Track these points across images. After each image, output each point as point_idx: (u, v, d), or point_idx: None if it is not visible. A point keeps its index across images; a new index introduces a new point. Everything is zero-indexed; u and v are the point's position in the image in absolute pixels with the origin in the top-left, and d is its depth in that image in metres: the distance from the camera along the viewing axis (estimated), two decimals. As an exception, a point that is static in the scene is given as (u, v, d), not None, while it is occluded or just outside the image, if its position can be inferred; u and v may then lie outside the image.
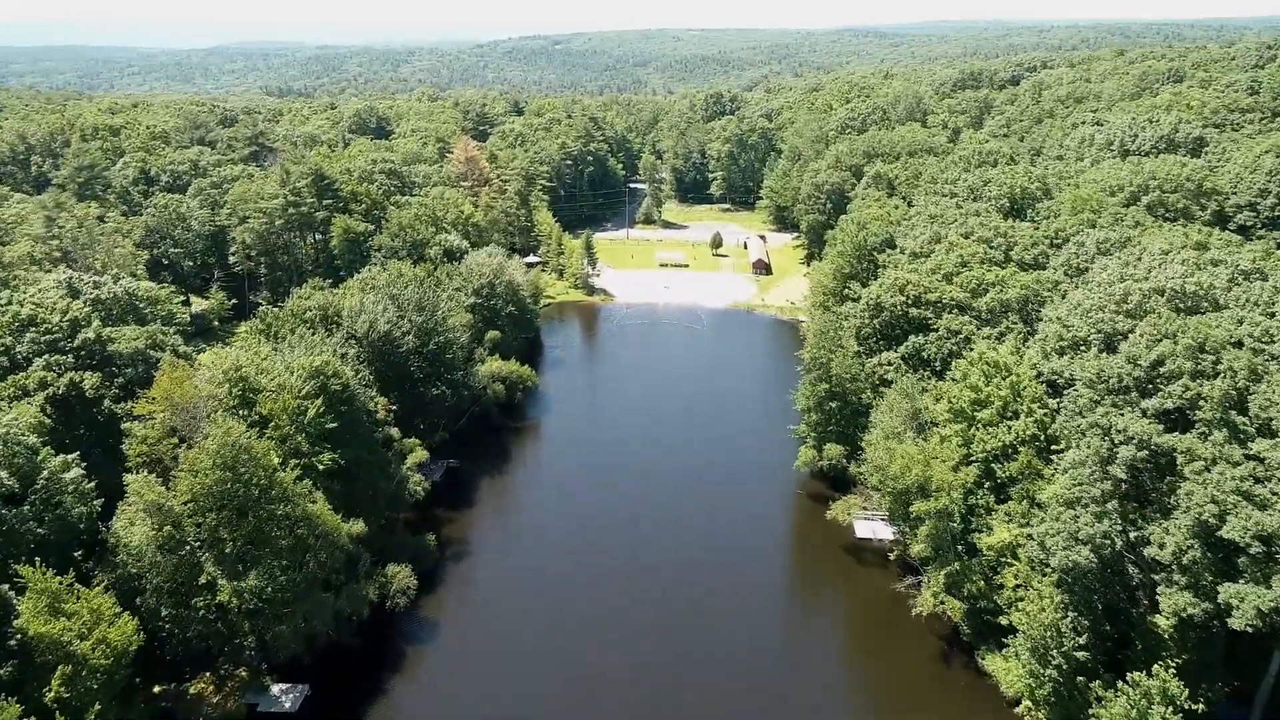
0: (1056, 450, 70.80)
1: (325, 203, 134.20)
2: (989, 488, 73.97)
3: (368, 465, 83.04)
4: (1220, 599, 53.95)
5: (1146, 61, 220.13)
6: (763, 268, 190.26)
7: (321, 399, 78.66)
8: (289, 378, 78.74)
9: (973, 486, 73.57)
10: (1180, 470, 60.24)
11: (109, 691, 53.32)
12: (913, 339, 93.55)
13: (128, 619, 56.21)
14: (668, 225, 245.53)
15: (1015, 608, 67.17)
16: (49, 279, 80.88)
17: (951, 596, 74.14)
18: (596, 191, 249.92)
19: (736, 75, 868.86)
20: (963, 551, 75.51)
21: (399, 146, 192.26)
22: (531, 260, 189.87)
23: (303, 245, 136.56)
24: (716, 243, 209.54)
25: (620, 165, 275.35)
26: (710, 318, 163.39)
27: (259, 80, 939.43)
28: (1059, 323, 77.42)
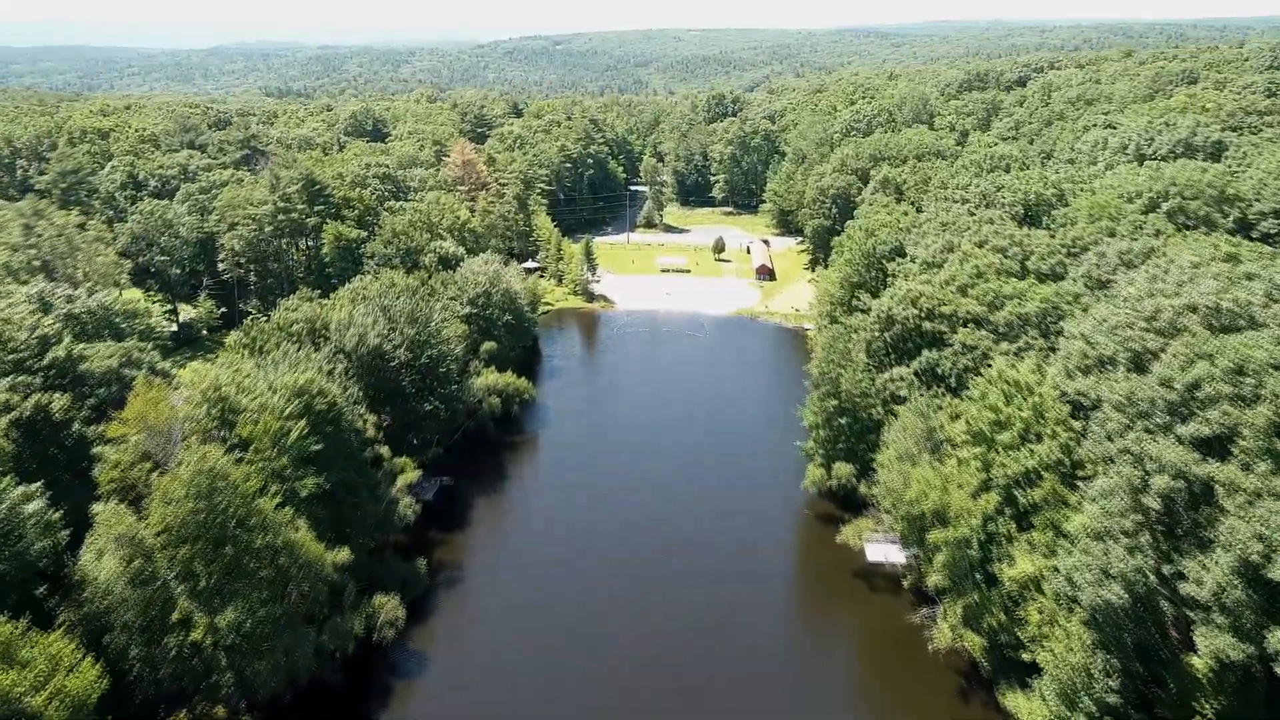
0: (1082, 477, 66.90)
1: (316, 209, 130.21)
2: (1010, 515, 69.91)
3: (355, 488, 79.11)
4: (1269, 646, 49.97)
5: (1158, 63, 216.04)
6: (766, 273, 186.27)
7: (305, 420, 74.73)
8: (271, 397, 74.80)
9: (993, 514, 69.52)
10: (1220, 503, 56.30)
11: (67, 746, 49.34)
12: (926, 354, 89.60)
13: (89, 665, 52.18)
14: (669, 229, 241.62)
15: (1040, 645, 63.22)
16: (20, 293, 76.85)
17: (970, 630, 70.08)
18: (597, 195, 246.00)
19: (738, 76, 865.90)
20: (981, 581, 71.49)
21: (395, 149, 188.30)
22: (530, 266, 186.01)
23: (294, 252, 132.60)
24: (719, 247, 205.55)
25: (621, 168, 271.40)
26: (713, 325, 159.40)
27: (259, 81, 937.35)
28: (1083, 340, 73.37)
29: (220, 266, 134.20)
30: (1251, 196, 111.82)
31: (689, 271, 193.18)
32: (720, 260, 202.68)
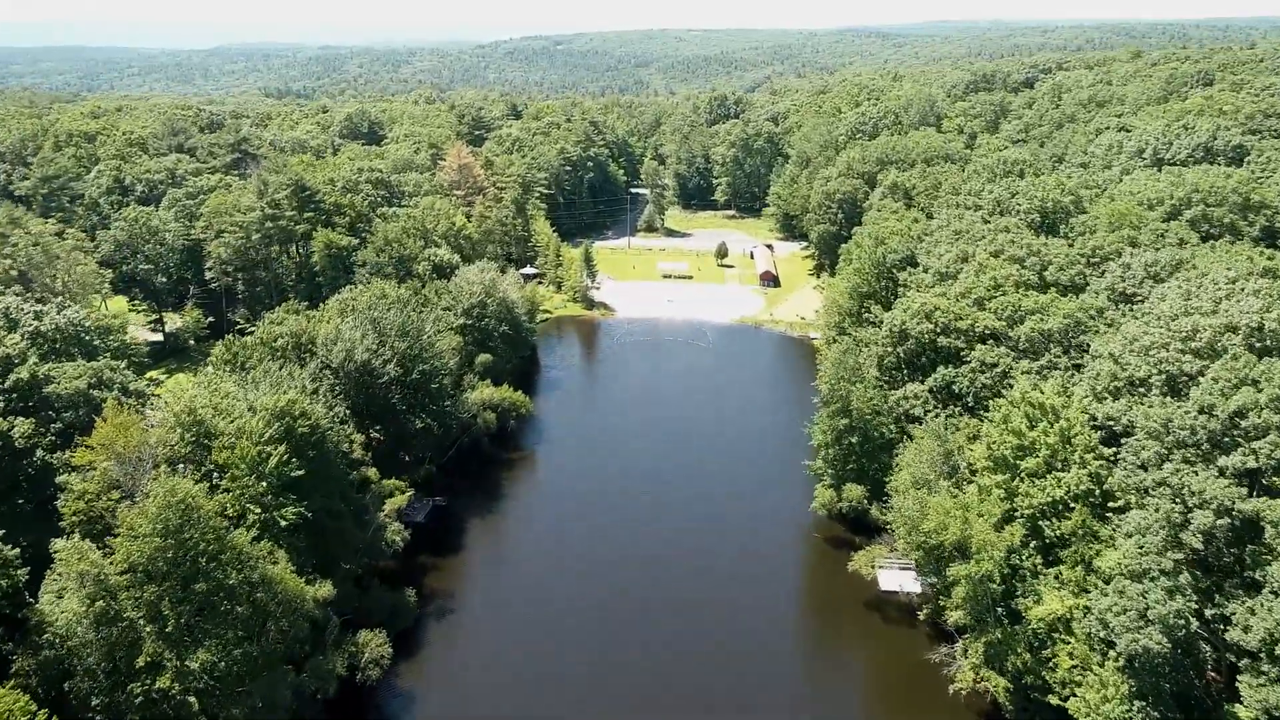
0: (1114, 508, 62.62)
1: (306, 215, 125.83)
2: (1035, 547, 65.63)
3: (339, 515, 74.84)
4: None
5: (1169, 64, 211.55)
6: (770, 280, 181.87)
7: (286, 444, 70.46)
8: (250, 420, 70.54)
9: (1017, 546, 65.17)
10: (1269, 541, 52.08)
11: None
12: (942, 371, 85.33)
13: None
14: (670, 233, 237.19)
15: (1071, 691, 58.91)
16: (-14, 308, 72.67)
17: (993, 670, 65.71)
18: (597, 198, 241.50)
19: (739, 76, 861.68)
20: (1004, 616, 67.21)
21: (390, 153, 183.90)
22: (528, 272, 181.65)
23: (284, 260, 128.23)
24: (721, 253, 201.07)
25: (621, 170, 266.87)
26: (716, 334, 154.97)
27: (259, 81, 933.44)
28: (1112, 360, 69.09)
29: (208, 275, 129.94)
30: (1278, 204, 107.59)
31: (691, 277, 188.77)
32: (723, 266, 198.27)
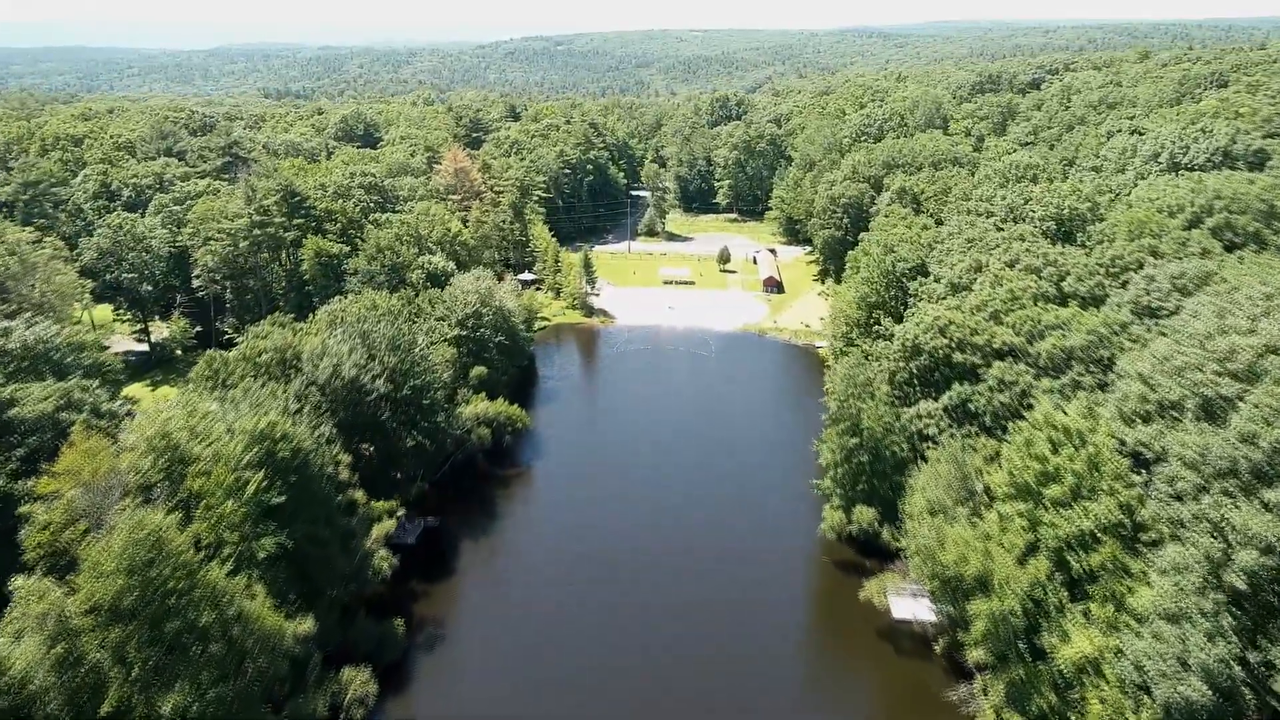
0: (1147, 541, 58.66)
1: (296, 222, 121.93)
2: (1061, 581, 61.61)
3: (324, 542, 70.98)
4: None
5: (1180, 65, 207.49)
6: (774, 286, 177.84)
7: (266, 470, 66.61)
8: (229, 444, 66.63)
9: (1042, 580, 61.17)
10: (1321, 585, 48.11)
11: None
12: (957, 388, 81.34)
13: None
14: (672, 237, 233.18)
15: (1103, 740, 54.91)
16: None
17: (1016, 713, 61.70)
18: (597, 201, 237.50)
19: (740, 76, 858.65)
20: (1026, 652, 63.21)
21: (385, 156, 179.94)
22: (526, 278, 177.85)
23: (274, 268, 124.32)
24: (724, 258, 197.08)
25: (622, 173, 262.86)
26: (718, 343, 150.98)
27: (259, 82, 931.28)
28: (1141, 381, 65.09)
29: (195, 283, 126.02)
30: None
31: (693, 283, 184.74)
32: (725, 271, 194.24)
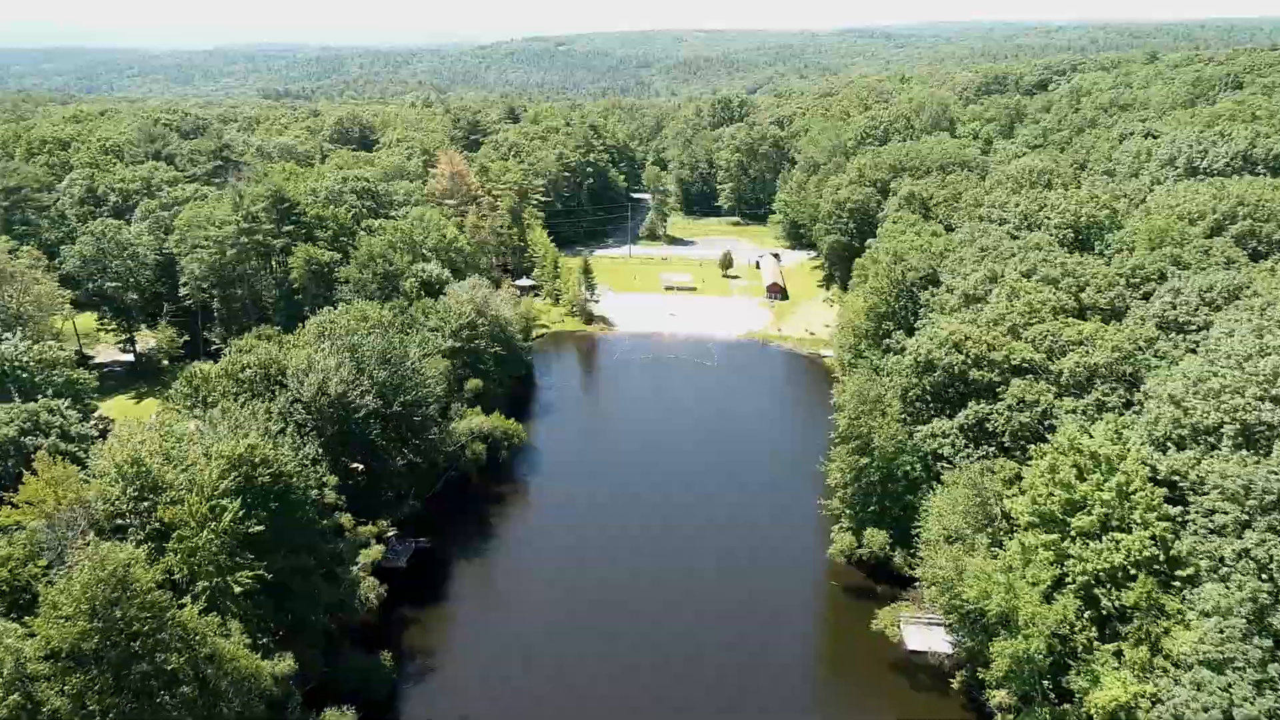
0: (1183, 578, 54.83)
1: (285, 229, 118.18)
2: (1090, 618, 57.76)
3: (306, 573, 67.13)
4: None
5: (1192, 66, 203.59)
6: (778, 291, 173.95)
7: (244, 497, 62.81)
8: (205, 469, 62.84)
9: (1071, 618, 57.31)
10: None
11: None
12: (973, 406, 77.40)
13: None
14: (673, 241, 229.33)
15: (1138, 795, 51.07)
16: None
17: (1042, 759, 57.88)
18: (597, 205, 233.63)
19: (741, 77, 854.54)
20: (1051, 691, 59.47)
21: (380, 159, 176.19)
22: (524, 283, 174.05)
23: (262, 277, 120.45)
24: (726, 263, 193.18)
25: (622, 176, 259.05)
26: (721, 351, 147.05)
27: (259, 82, 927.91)
28: (1173, 403, 61.23)
29: (182, 291, 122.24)
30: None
31: (695, 289, 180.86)
32: (728, 277, 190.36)
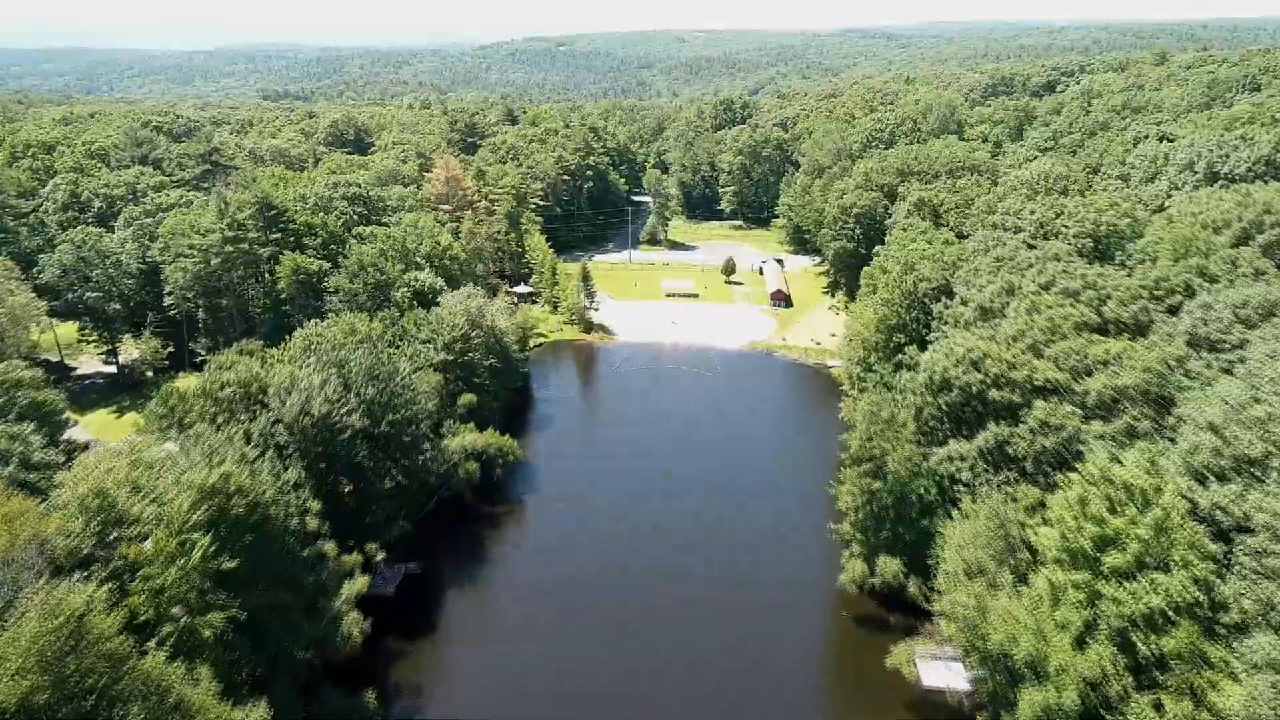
0: (1228, 624, 50.59)
1: (273, 237, 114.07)
2: (1126, 665, 53.50)
3: (284, 609, 63.01)
4: None
5: (1205, 67, 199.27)
6: (782, 299, 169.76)
7: (218, 530, 58.74)
8: (176, 500, 58.70)
9: (1106, 667, 53.05)
10: None
11: None
12: (993, 429, 73.20)
13: None
14: (674, 246, 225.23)
15: None
16: None
17: (1075, 816, 53.61)
18: (596, 209, 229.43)
19: (742, 78, 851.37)
20: (1082, 740, 55.18)
21: (375, 163, 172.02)
22: (522, 290, 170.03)
23: (249, 286, 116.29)
24: (729, 269, 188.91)
25: (623, 179, 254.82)
26: (724, 362, 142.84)
27: (259, 83, 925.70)
28: (1212, 431, 57.01)
29: (167, 301, 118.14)
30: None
31: (697, 296, 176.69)
32: (730, 283, 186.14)
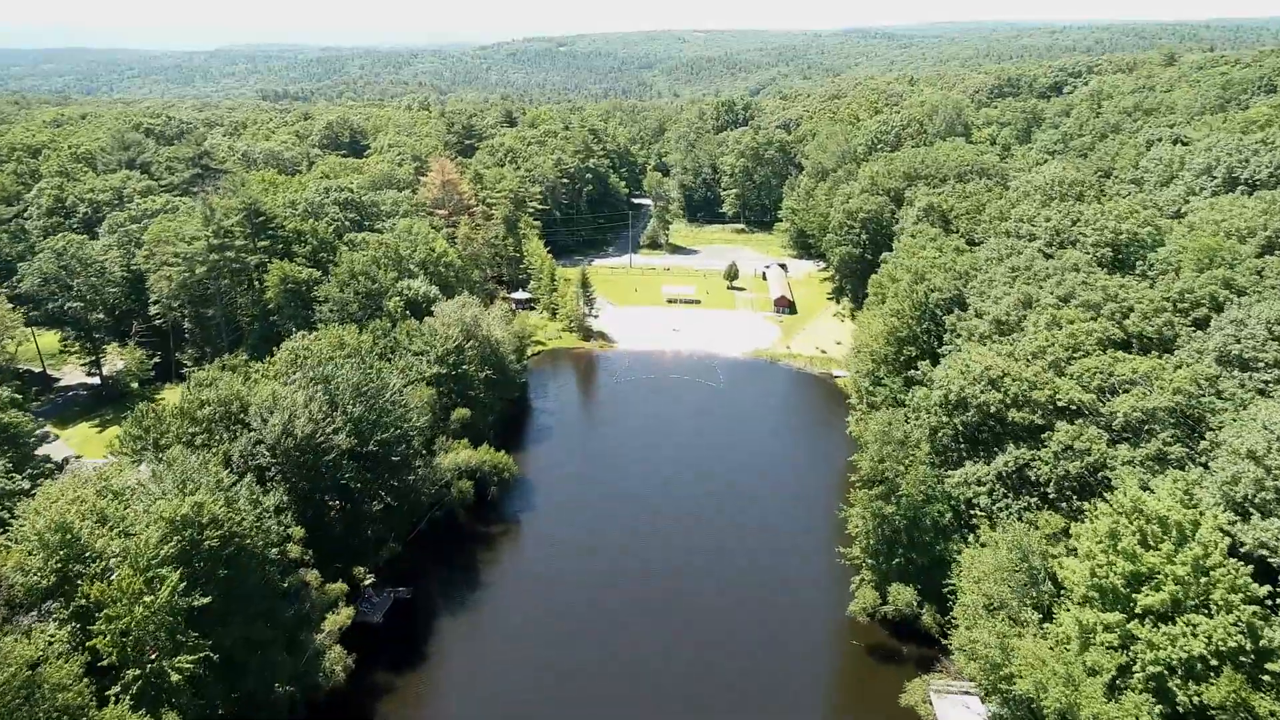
0: (1278, 673, 46.78)
1: (261, 244, 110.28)
2: (1163, 714, 49.74)
3: (261, 646, 59.28)
4: None
5: (1218, 68, 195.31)
6: (785, 305, 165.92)
7: (189, 565, 55.07)
8: (143, 534, 54.97)
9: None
10: None
11: None
12: (1013, 451, 69.46)
13: None
14: (675, 249, 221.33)
15: None
16: None
17: None
18: (596, 212, 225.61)
19: (744, 78, 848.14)
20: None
21: (369, 166, 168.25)
22: (520, 296, 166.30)
23: (236, 295, 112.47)
24: (732, 274, 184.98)
25: (623, 182, 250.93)
26: (727, 371, 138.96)
27: (259, 83, 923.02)
28: (1253, 460, 53.23)
29: (152, 310, 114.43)
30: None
31: (699, 302, 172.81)
32: (733, 289, 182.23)
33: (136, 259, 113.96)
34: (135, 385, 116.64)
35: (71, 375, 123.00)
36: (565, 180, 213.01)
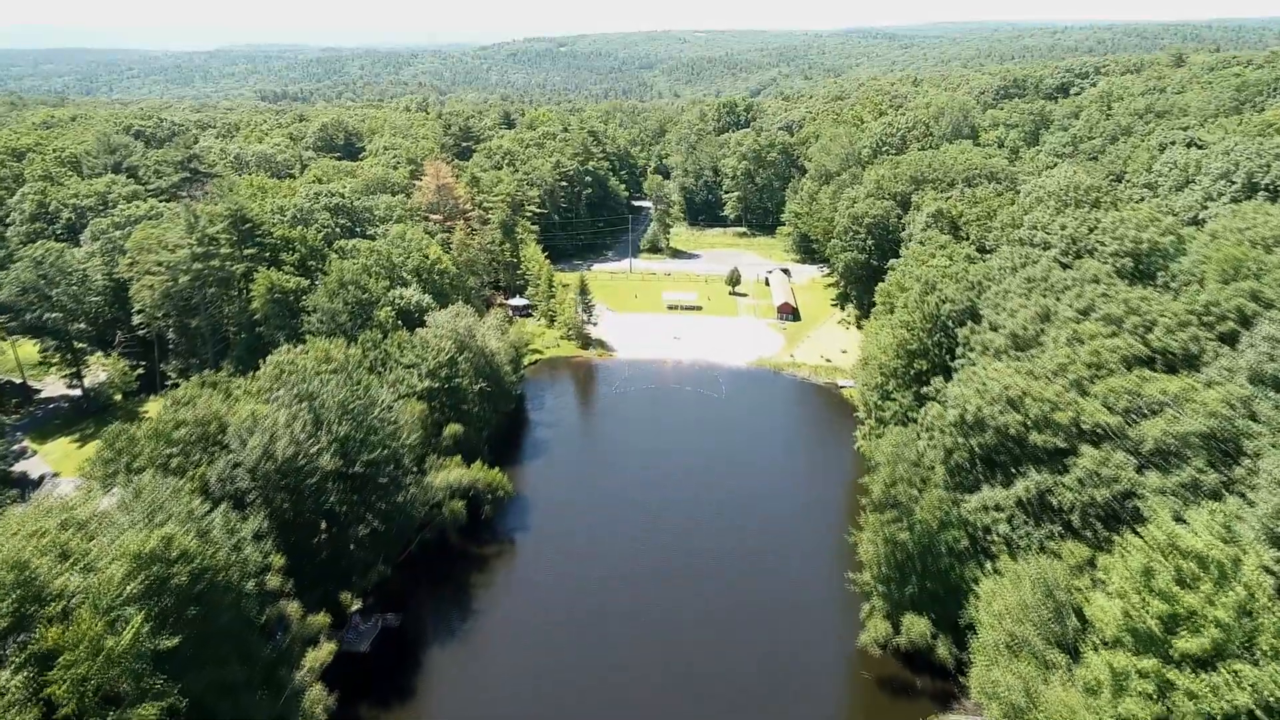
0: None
1: (247, 252, 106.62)
2: (1203, 769, 46.03)
3: (234, 689, 55.51)
4: None
5: (1229, 69, 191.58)
6: (789, 312, 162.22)
7: (156, 602, 51.32)
8: (108, 570, 51.25)
9: (1182, 773, 45.59)
10: None
11: None
12: (1034, 475, 65.67)
13: None
14: (676, 254, 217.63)
15: None
16: None
17: None
18: (596, 216, 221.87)
19: (744, 78, 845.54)
20: None
21: (363, 170, 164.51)
22: (517, 303, 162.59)
23: (224, 304, 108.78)
24: (734, 279, 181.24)
25: (623, 184, 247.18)
26: (729, 381, 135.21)
27: (259, 84, 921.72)
28: (1299, 492, 49.46)
29: (136, 319, 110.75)
30: None
31: (700, 309, 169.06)
32: (735, 295, 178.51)
33: (119, 267, 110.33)
34: (118, 397, 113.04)
35: (53, 387, 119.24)
36: (564, 183, 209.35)
